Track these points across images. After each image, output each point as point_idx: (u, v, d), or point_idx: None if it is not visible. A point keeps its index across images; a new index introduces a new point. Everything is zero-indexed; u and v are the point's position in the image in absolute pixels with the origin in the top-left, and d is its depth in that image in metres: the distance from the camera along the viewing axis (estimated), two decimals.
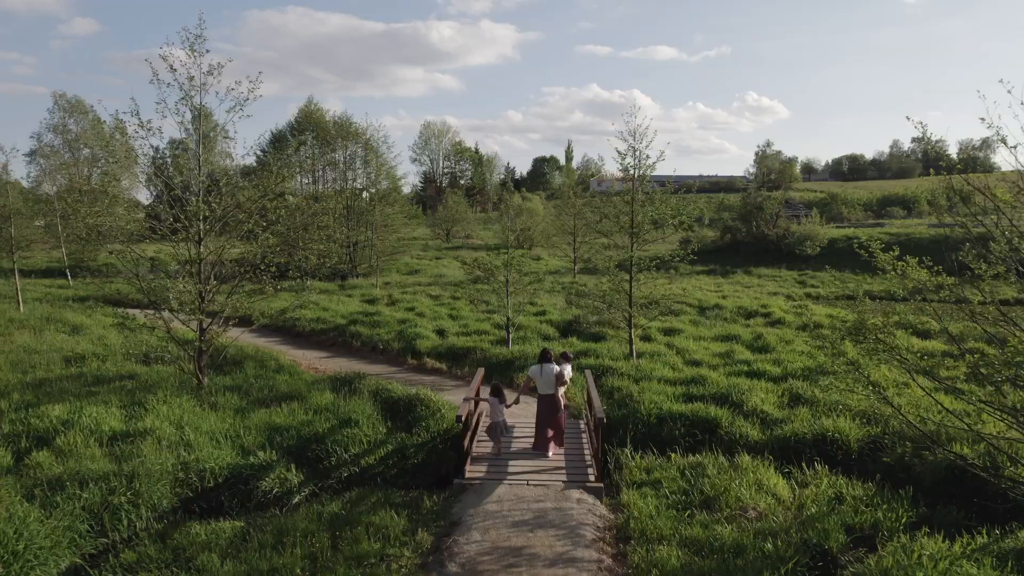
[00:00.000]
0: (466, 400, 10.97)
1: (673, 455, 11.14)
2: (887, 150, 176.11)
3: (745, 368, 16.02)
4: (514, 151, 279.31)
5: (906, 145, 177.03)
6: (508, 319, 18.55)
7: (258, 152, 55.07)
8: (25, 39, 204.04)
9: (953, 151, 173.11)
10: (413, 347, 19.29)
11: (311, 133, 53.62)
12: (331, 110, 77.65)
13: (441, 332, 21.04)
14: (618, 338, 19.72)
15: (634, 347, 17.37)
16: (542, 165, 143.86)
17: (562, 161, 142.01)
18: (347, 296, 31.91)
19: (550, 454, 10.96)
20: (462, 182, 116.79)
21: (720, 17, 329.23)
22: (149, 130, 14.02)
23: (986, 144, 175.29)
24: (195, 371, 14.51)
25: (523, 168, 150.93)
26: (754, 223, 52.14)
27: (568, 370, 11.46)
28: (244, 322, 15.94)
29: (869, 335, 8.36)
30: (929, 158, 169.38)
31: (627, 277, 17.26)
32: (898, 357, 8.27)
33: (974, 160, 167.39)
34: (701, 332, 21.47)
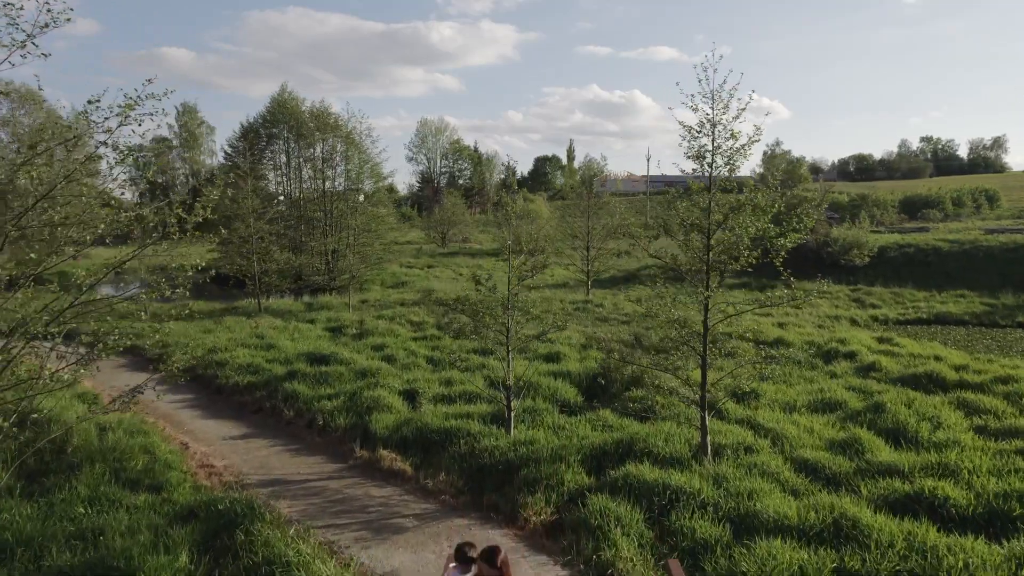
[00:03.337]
0: None
1: None
2: (895, 150, 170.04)
3: (905, 488, 9.51)
4: (514, 151, 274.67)
5: (914, 144, 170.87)
6: (509, 388, 12.09)
7: (226, 148, 48.71)
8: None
9: (963, 151, 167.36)
10: (367, 426, 12.82)
11: (285, 125, 47.10)
12: (307, 99, 71.03)
13: (411, 396, 14.54)
14: (669, 409, 13.25)
15: (708, 438, 10.96)
16: (544, 165, 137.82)
17: (564, 161, 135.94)
18: (308, 322, 25.44)
19: None
20: (460, 182, 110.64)
21: (720, 17, 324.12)
22: None
23: (997, 144, 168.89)
24: None
25: (524, 168, 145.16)
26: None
27: None
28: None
29: None
30: (939, 158, 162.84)
31: (699, 317, 10.87)
32: None
33: (986, 161, 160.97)
34: (786, 394, 14.89)
